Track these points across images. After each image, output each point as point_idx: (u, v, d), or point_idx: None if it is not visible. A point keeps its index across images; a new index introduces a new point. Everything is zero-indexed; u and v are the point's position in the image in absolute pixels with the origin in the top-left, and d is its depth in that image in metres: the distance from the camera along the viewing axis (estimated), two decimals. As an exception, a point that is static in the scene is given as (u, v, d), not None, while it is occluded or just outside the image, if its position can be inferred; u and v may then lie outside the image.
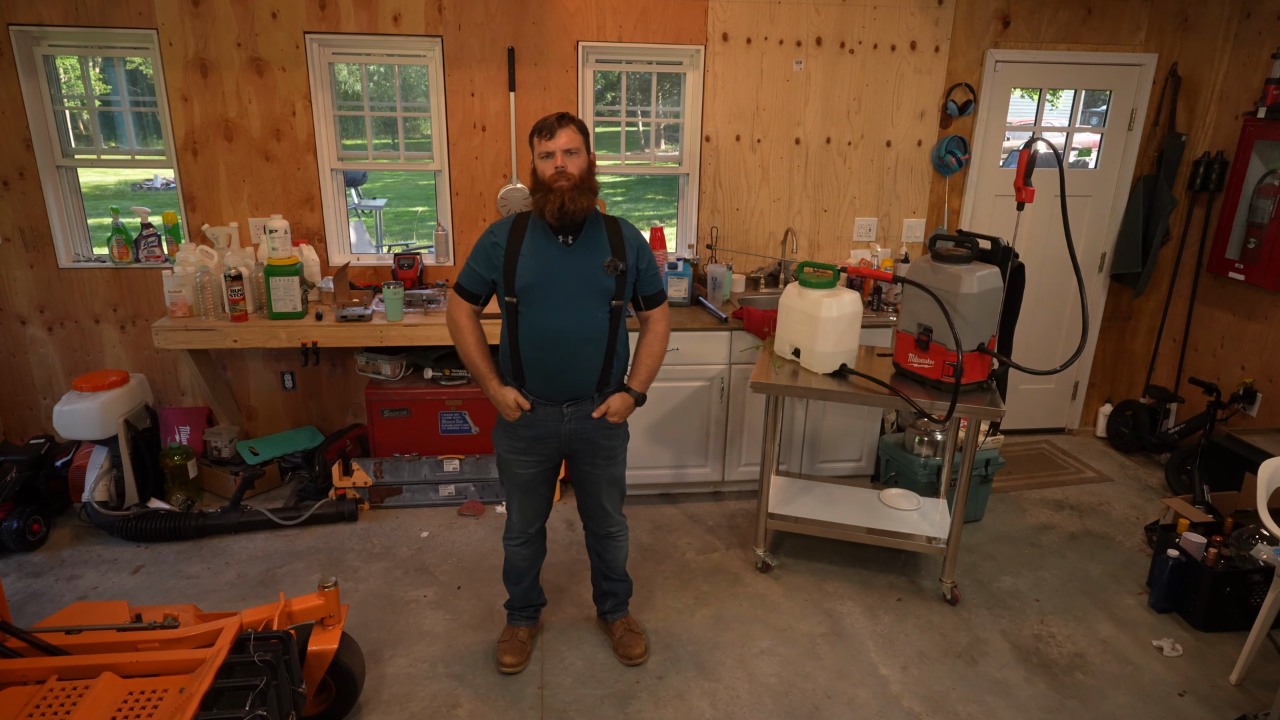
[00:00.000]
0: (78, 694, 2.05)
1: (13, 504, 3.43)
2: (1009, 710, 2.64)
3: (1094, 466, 4.43)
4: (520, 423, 2.48)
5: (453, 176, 3.96)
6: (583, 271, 2.36)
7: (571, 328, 2.36)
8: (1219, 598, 2.99)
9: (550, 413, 2.47)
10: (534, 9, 3.76)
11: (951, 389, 2.81)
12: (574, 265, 2.36)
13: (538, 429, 2.49)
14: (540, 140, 2.33)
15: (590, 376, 2.45)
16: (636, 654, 2.79)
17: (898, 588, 3.29)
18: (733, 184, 4.15)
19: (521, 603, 2.86)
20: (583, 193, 2.31)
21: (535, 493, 2.63)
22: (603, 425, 2.52)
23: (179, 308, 3.57)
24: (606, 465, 2.60)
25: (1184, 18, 4.14)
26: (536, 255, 2.35)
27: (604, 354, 2.44)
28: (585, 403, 2.48)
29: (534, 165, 2.37)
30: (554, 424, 2.48)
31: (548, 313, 2.35)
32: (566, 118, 2.34)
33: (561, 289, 2.35)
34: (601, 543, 2.78)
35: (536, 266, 2.34)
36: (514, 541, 2.71)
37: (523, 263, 2.34)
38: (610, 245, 2.40)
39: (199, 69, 3.67)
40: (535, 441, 2.51)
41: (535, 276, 2.34)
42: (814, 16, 3.93)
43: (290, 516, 3.62)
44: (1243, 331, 4.18)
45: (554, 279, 2.34)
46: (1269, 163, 3.99)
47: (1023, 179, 2.79)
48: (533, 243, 2.36)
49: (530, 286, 2.34)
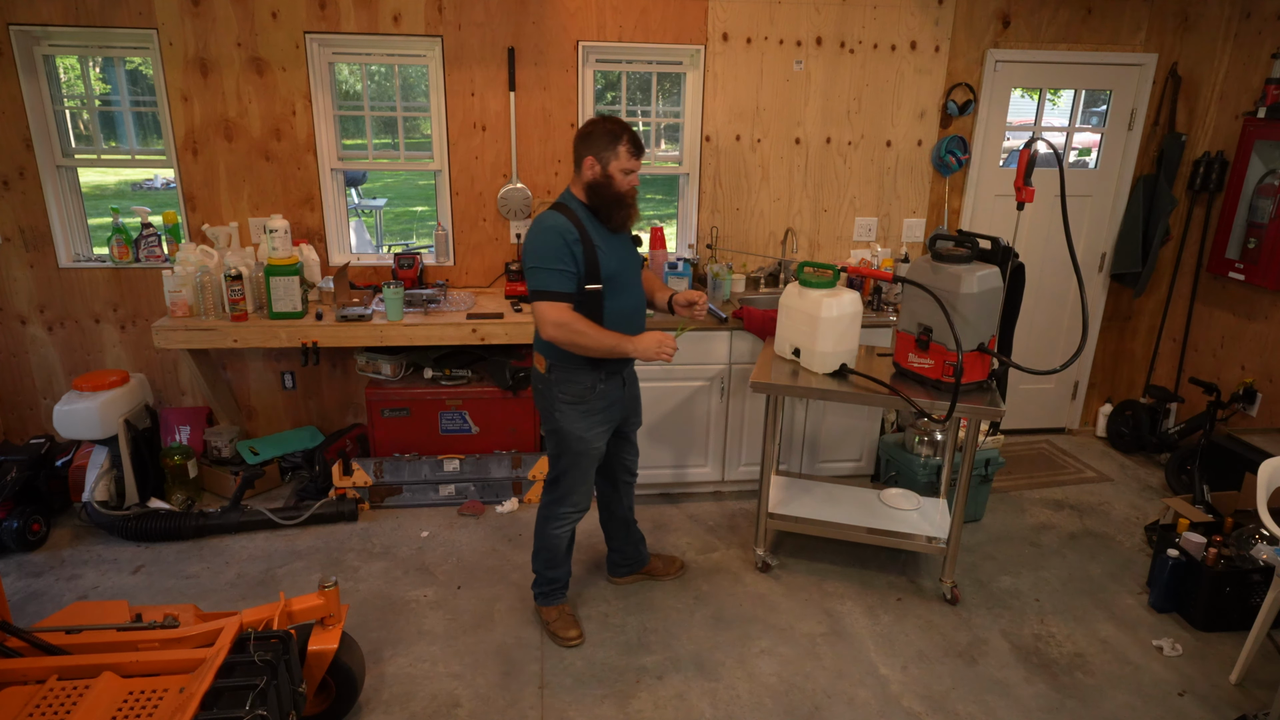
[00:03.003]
0: (78, 694, 2.05)
1: (13, 504, 3.43)
2: (1009, 710, 2.64)
3: (1094, 466, 4.43)
4: (597, 398, 2.68)
5: (453, 176, 3.96)
6: (634, 255, 2.72)
7: (640, 303, 2.72)
8: (1219, 597, 2.99)
9: (615, 381, 2.73)
10: (534, 9, 3.76)
11: (951, 389, 2.81)
12: (630, 250, 2.70)
13: (609, 398, 2.73)
14: (630, 156, 2.52)
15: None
16: (677, 566, 3.29)
17: (898, 587, 3.29)
18: (733, 184, 4.15)
19: (565, 578, 3.01)
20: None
21: (602, 455, 2.84)
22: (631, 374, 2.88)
23: (179, 307, 3.57)
24: (639, 406, 2.99)
25: (1184, 18, 4.14)
26: (608, 245, 2.58)
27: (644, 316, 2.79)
28: (632, 363, 2.80)
29: (605, 170, 2.52)
30: (618, 390, 2.76)
31: (627, 294, 2.63)
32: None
33: (630, 271, 2.67)
34: (626, 489, 3.08)
35: (614, 255, 2.58)
36: (568, 522, 2.87)
37: (602, 254, 2.54)
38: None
39: (199, 69, 3.67)
40: (607, 410, 2.74)
41: (617, 264, 2.58)
42: (814, 16, 3.93)
43: (290, 516, 3.62)
44: (1243, 331, 4.18)
45: (626, 264, 2.64)
46: (1269, 163, 3.99)
47: (1023, 179, 2.79)
48: (598, 235, 2.56)
49: (615, 274, 2.57)
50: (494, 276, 4.14)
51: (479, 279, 4.15)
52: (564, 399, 2.66)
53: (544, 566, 2.94)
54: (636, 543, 3.22)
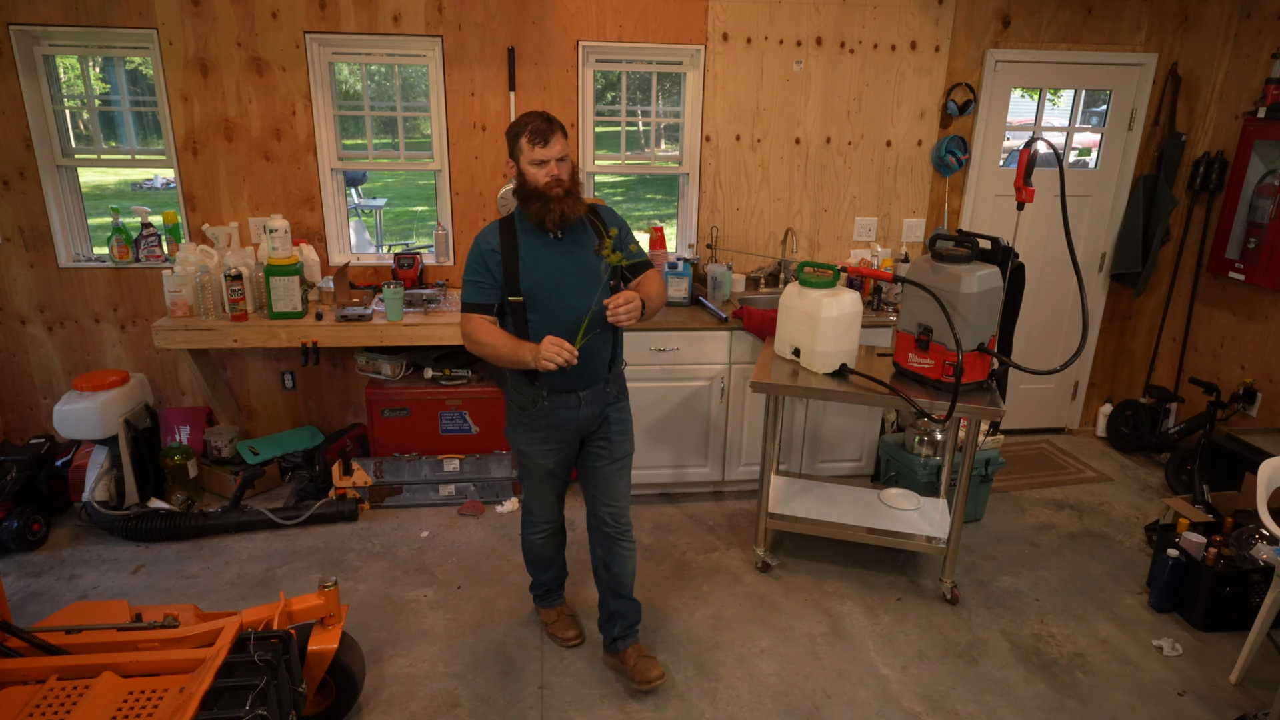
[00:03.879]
0: (78, 694, 2.05)
1: (13, 504, 3.43)
2: (1009, 710, 2.64)
3: (1094, 466, 4.43)
4: (539, 414, 2.52)
5: (453, 176, 3.96)
6: (579, 261, 2.43)
7: (580, 317, 2.37)
8: (1219, 597, 2.99)
9: (567, 400, 2.51)
10: (534, 9, 3.76)
11: (951, 389, 2.81)
12: (570, 257, 2.42)
13: (556, 417, 2.53)
14: (531, 146, 2.31)
15: (603, 359, 2.52)
16: (654, 675, 2.64)
17: (898, 587, 3.29)
18: (733, 184, 4.15)
19: (555, 583, 2.95)
20: (576, 198, 2.38)
21: (557, 479, 2.68)
22: (615, 400, 2.61)
23: (179, 307, 3.57)
24: (620, 439, 2.62)
25: (1184, 17, 4.13)
26: (533, 255, 2.39)
27: (610, 335, 2.52)
28: (598, 386, 2.53)
29: (519, 168, 2.36)
30: (572, 410, 2.52)
31: (554, 306, 2.40)
32: (554, 122, 2.34)
33: (564, 282, 2.40)
34: (611, 550, 2.66)
35: (537, 265, 2.39)
36: (539, 534, 2.78)
37: (523, 264, 2.38)
38: (594, 230, 2.48)
39: (199, 69, 3.67)
40: (555, 430, 2.55)
41: (539, 274, 2.39)
42: (814, 16, 3.93)
43: (290, 516, 3.62)
44: (1243, 331, 4.18)
45: (556, 274, 2.40)
46: (1269, 162, 3.99)
47: (1023, 179, 2.79)
48: (527, 244, 2.40)
49: (535, 285, 2.38)
50: (494, 276, 4.14)
51: (479, 279, 4.14)
52: (511, 407, 2.60)
53: (530, 570, 2.93)
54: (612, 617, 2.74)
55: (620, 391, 2.65)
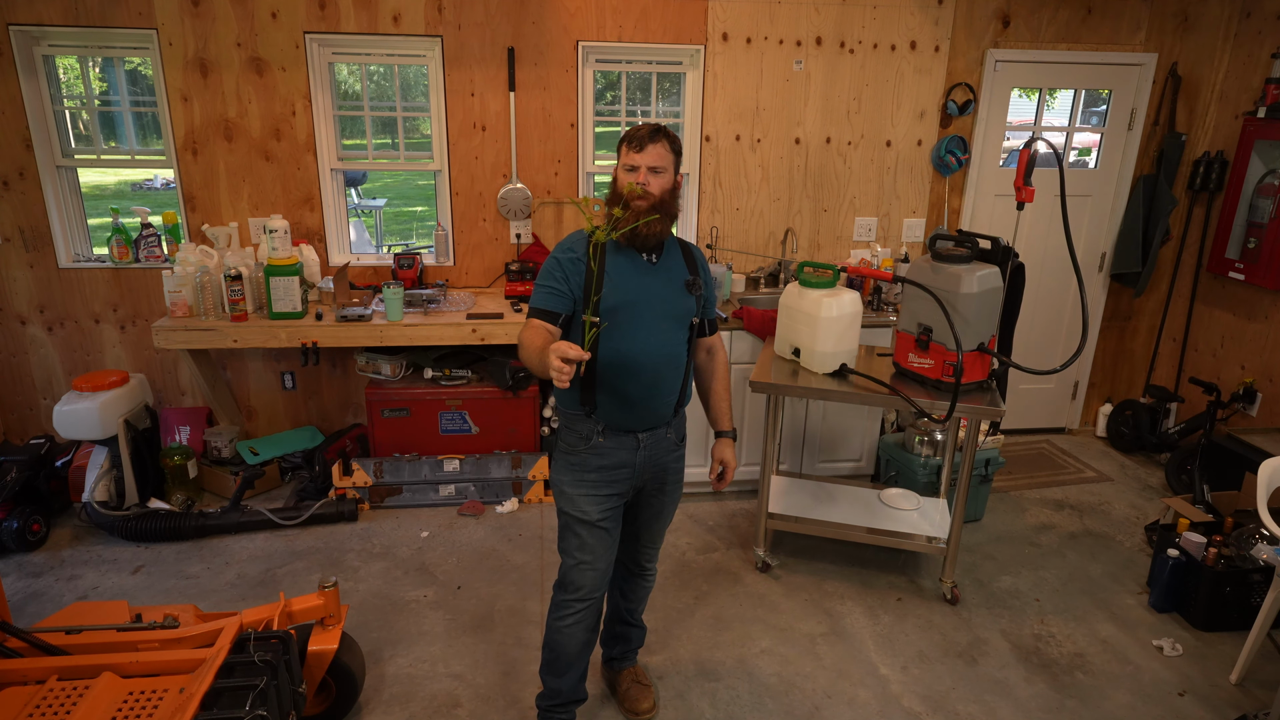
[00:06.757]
0: (78, 694, 2.05)
1: (13, 504, 3.43)
2: (1009, 710, 2.64)
3: (1094, 466, 4.43)
4: (590, 453, 2.20)
5: (453, 176, 3.96)
6: (667, 292, 2.18)
7: (657, 351, 2.15)
8: (1219, 597, 2.99)
9: (624, 441, 2.20)
10: (534, 9, 3.76)
11: (951, 389, 2.81)
12: (659, 285, 2.17)
13: (609, 458, 2.21)
14: (627, 150, 2.11)
15: (669, 402, 2.24)
16: (644, 709, 2.54)
17: (898, 587, 3.29)
18: (733, 184, 4.15)
19: (568, 698, 2.39)
20: (660, 218, 2.11)
21: (603, 533, 2.25)
22: (675, 448, 2.34)
23: (179, 308, 3.57)
24: (674, 490, 2.39)
25: (1184, 17, 4.13)
26: (622, 273, 2.13)
27: (682, 378, 2.26)
28: (660, 429, 2.26)
29: (615, 173, 2.17)
30: (629, 453, 2.22)
31: (633, 336, 2.13)
32: (661, 132, 2.11)
33: (648, 310, 2.14)
34: (632, 582, 2.52)
35: (624, 285, 2.12)
36: (573, 611, 2.28)
37: (609, 281, 2.10)
38: (686, 265, 2.25)
39: (199, 69, 3.67)
40: (607, 472, 2.21)
41: (623, 296, 2.11)
42: (814, 16, 3.93)
43: (290, 516, 3.62)
44: (1243, 331, 4.18)
45: (641, 300, 2.14)
46: (1269, 162, 3.98)
47: (1023, 179, 2.79)
48: (616, 260, 2.13)
49: (617, 307, 2.10)
50: (494, 277, 4.14)
51: (479, 279, 4.15)
52: (560, 446, 2.25)
53: (545, 669, 2.38)
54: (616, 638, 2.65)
55: (680, 439, 2.36)
